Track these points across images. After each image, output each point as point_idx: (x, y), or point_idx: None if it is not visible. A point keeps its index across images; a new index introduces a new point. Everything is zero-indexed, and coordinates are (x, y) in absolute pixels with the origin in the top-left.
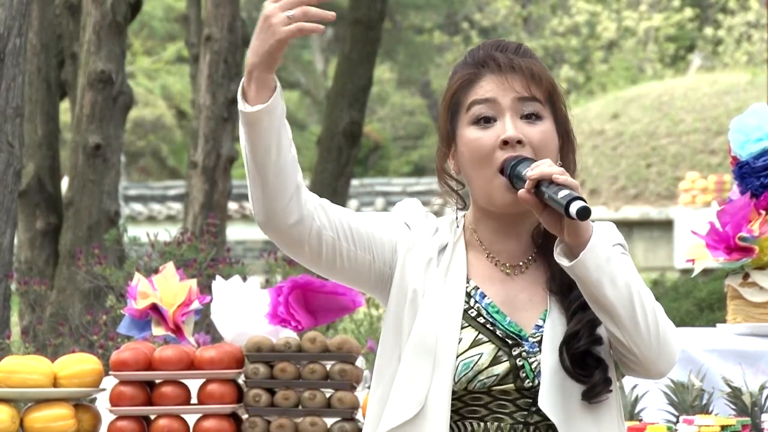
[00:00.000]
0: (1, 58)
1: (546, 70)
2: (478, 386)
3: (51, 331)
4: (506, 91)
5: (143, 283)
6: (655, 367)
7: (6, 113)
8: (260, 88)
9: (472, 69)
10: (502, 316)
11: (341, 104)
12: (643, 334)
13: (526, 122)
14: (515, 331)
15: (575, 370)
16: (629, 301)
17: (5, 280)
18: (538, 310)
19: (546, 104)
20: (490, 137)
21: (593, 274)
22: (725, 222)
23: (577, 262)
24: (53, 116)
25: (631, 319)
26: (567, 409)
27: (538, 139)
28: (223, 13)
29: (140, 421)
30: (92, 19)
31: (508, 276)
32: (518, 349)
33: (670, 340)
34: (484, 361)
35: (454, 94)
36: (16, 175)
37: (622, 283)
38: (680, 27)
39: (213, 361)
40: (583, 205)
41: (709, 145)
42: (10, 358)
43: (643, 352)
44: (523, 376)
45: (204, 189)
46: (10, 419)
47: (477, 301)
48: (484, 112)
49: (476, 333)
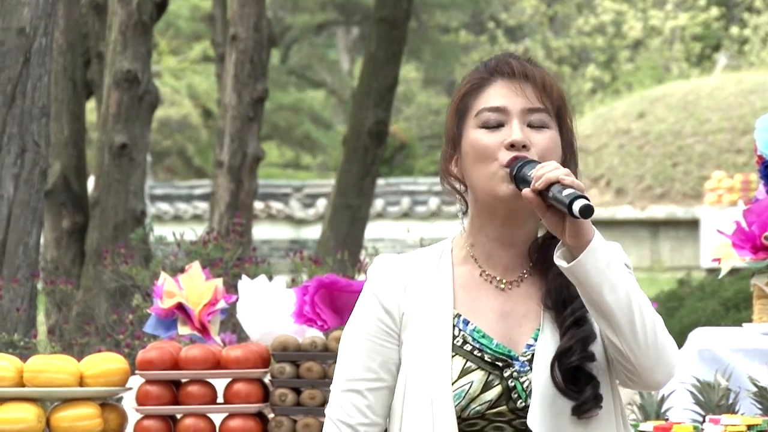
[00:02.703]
0: (27, 57)
1: (557, 83)
2: (472, 413)
3: (77, 330)
4: (516, 98)
5: (169, 283)
6: (652, 376)
7: (32, 113)
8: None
9: (483, 74)
10: (488, 339)
11: (367, 104)
12: (640, 341)
13: (532, 129)
14: (504, 353)
15: (566, 385)
16: (628, 307)
17: (31, 280)
18: (531, 327)
19: (554, 116)
20: (496, 139)
21: (593, 278)
22: (751, 221)
23: (577, 263)
24: (79, 116)
25: (629, 326)
26: (558, 426)
27: (544, 145)
28: (249, 13)
29: (166, 421)
30: (118, 19)
31: (502, 291)
32: (509, 370)
33: (669, 352)
34: (476, 389)
35: (463, 98)
36: (42, 175)
37: (622, 290)
38: (706, 26)
39: (239, 360)
40: (586, 203)
41: (735, 144)
42: (36, 357)
43: (640, 361)
44: (515, 396)
45: (230, 188)
46: (37, 418)
47: (461, 330)
48: (493, 118)
49: (464, 361)
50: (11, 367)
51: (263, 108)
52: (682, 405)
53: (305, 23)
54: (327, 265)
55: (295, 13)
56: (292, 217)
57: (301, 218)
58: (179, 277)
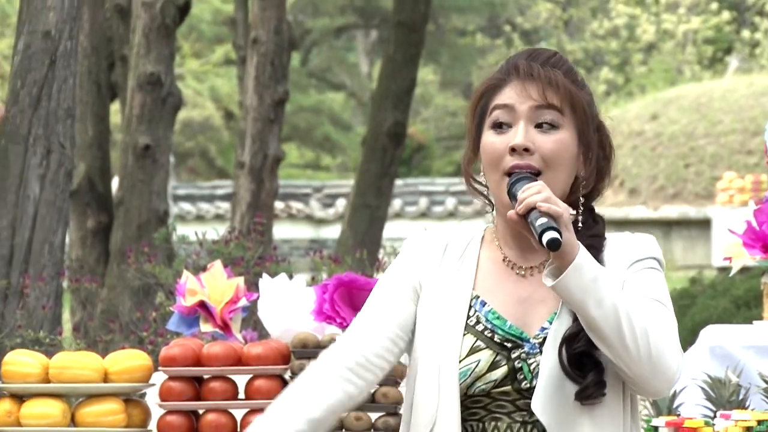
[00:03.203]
0: (52, 60)
1: (568, 79)
2: (477, 391)
3: (102, 327)
4: (524, 98)
5: (192, 281)
6: (650, 385)
7: (57, 114)
8: None
9: (500, 75)
10: (502, 321)
11: (385, 105)
12: (632, 354)
13: (539, 131)
14: (515, 334)
15: (571, 369)
16: (616, 322)
17: (57, 278)
18: (548, 312)
19: (565, 112)
20: (502, 142)
21: (576, 295)
22: (762, 221)
23: (558, 282)
24: (103, 117)
25: (618, 340)
26: (562, 410)
27: (548, 148)
28: (270, 16)
29: (189, 416)
30: (141, 22)
31: (522, 277)
32: (518, 351)
33: (667, 360)
34: (482, 368)
35: (480, 98)
36: (67, 175)
37: (609, 304)
38: (718, 30)
39: (260, 357)
40: (553, 237)
41: (746, 145)
42: (61, 354)
43: (635, 372)
44: (520, 377)
45: (251, 189)
46: (62, 414)
47: (477, 311)
48: (502, 117)
49: (474, 340)
50: (37, 363)
51: (284, 110)
52: (694, 401)
53: (325, 27)
54: (346, 263)
55: (315, 16)
56: (312, 217)
57: (321, 218)
58: (201, 276)
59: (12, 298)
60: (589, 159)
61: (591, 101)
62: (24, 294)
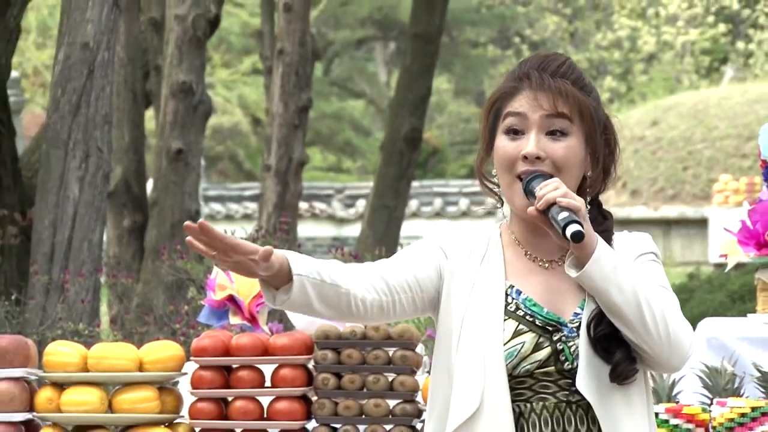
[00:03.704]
0: (90, 70)
1: (576, 88)
2: (522, 372)
3: (137, 320)
4: (535, 108)
5: (221, 277)
6: (668, 363)
7: (95, 121)
8: (278, 281)
9: (513, 83)
10: (539, 308)
11: (403, 112)
12: (653, 335)
13: (550, 138)
14: (554, 319)
15: (599, 351)
16: (636, 306)
17: (95, 274)
18: (577, 299)
19: (574, 120)
20: (514, 148)
21: (599, 284)
22: (756, 220)
23: (583, 272)
24: (139, 124)
25: (639, 323)
26: (602, 389)
27: (559, 155)
28: (295, 29)
29: (218, 403)
30: (174, 34)
31: (546, 269)
32: (558, 335)
33: (682, 339)
34: (527, 349)
35: (495, 103)
36: (104, 178)
37: (629, 291)
38: (714, 41)
39: (285, 347)
40: (576, 229)
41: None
42: (99, 345)
43: (655, 351)
44: (562, 359)
45: (277, 190)
46: (100, 401)
47: (514, 298)
48: (515, 124)
49: (517, 324)
50: (76, 354)
51: (307, 116)
52: (692, 389)
53: (346, 38)
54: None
55: (336, 29)
56: (334, 217)
57: (342, 217)
58: (230, 272)
59: (53, 292)
60: (597, 160)
61: (598, 105)
62: (64, 289)
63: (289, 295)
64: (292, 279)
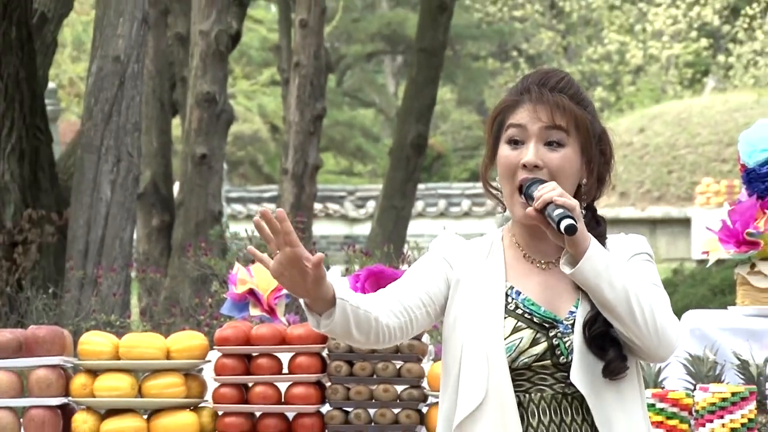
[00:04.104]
0: (121, 81)
1: (573, 102)
2: (521, 365)
3: (165, 312)
4: (535, 120)
5: (242, 272)
6: (656, 354)
7: (126, 128)
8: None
9: (515, 96)
10: (537, 306)
11: (409, 120)
12: (642, 329)
13: (548, 148)
14: (550, 317)
15: (594, 348)
16: (627, 303)
17: (126, 269)
18: (572, 298)
19: (570, 133)
20: (515, 157)
21: (591, 280)
22: (735, 220)
23: (576, 269)
24: (166, 131)
25: (629, 317)
26: (595, 383)
27: (555, 164)
28: (310, 43)
29: (240, 388)
30: (199, 49)
31: (544, 270)
32: (554, 331)
33: (669, 333)
34: (525, 344)
35: (498, 114)
36: (134, 180)
37: (620, 288)
38: (697, 54)
39: (301, 337)
40: (570, 223)
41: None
42: (130, 335)
43: (644, 343)
44: (558, 353)
45: (294, 192)
46: (130, 386)
47: (513, 298)
48: (516, 135)
49: (516, 321)
50: (108, 343)
51: (321, 124)
52: (676, 375)
53: (357, 52)
54: (375, 257)
55: (348, 43)
56: (346, 216)
57: (354, 217)
58: (251, 267)
59: (87, 286)
60: (591, 169)
61: (594, 118)
62: (98, 283)
63: (331, 319)
64: (335, 304)
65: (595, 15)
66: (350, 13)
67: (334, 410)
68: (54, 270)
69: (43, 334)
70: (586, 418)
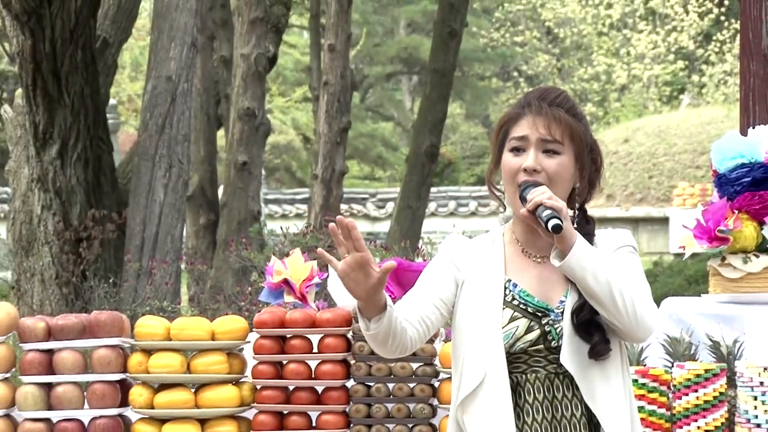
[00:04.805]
0: (173, 98)
1: (569, 115)
2: (517, 350)
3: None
4: (534, 130)
5: (278, 264)
6: (635, 336)
7: (177, 139)
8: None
9: (518, 109)
10: (531, 297)
11: (423, 132)
12: (622, 315)
13: (545, 155)
14: (543, 306)
15: (580, 333)
16: (609, 292)
17: (177, 262)
18: (563, 288)
19: (565, 142)
20: (517, 162)
21: (578, 272)
22: (708, 219)
23: (564, 263)
24: (212, 141)
25: (612, 305)
26: (581, 363)
27: (552, 170)
28: (337, 65)
29: (275, 366)
30: (240, 70)
31: (539, 264)
32: (546, 319)
33: (646, 319)
34: (520, 331)
35: (503, 126)
36: (184, 184)
37: (604, 279)
38: (674, 75)
39: (329, 321)
40: (556, 222)
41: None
42: (180, 319)
43: (625, 326)
44: (550, 338)
45: (323, 194)
46: (180, 364)
47: (511, 290)
48: (518, 144)
49: (512, 311)
50: (161, 326)
51: (347, 135)
52: (656, 354)
53: (378, 73)
54: (394, 250)
55: (370, 65)
56: (368, 216)
57: (375, 216)
58: (285, 260)
59: (143, 276)
60: (584, 175)
61: (586, 130)
62: (152, 274)
63: (380, 323)
64: (385, 310)
65: (585, 40)
66: (372, 39)
67: (357, 384)
68: (114, 262)
69: (104, 318)
70: (575, 394)
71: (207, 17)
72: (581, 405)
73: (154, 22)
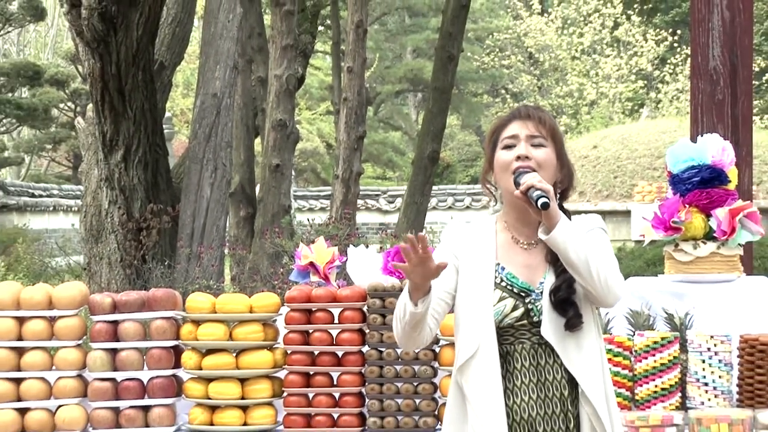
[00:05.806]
0: (218, 111)
1: (551, 120)
2: (506, 324)
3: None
4: (523, 129)
5: (305, 249)
6: (605, 300)
7: (221, 146)
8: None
9: (507, 117)
10: (516, 279)
11: (426, 139)
12: (596, 282)
13: (533, 148)
14: (526, 287)
15: (557, 309)
16: (586, 262)
17: (221, 248)
18: (542, 271)
19: (548, 139)
20: (511, 154)
21: (561, 245)
22: (663, 212)
23: (550, 236)
24: (250, 147)
25: (587, 274)
26: (559, 335)
27: (540, 158)
28: (354, 84)
29: (303, 334)
30: (274, 88)
31: (525, 250)
32: (529, 298)
33: (615, 288)
34: (507, 309)
35: (495, 131)
36: (227, 184)
37: (582, 251)
38: (635, 92)
39: (348, 296)
40: (545, 200)
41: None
42: (224, 295)
43: (597, 292)
44: (532, 315)
45: (342, 191)
46: (224, 333)
47: (500, 273)
48: (510, 141)
49: (501, 292)
50: (208, 301)
51: (363, 142)
52: (621, 325)
53: (389, 90)
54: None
55: (382, 84)
56: (380, 209)
57: (386, 210)
58: (311, 246)
59: (193, 260)
60: (563, 170)
61: (563, 138)
62: (200, 258)
63: (424, 304)
64: (429, 293)
65: (561, 63)
66: (384, 62)
67: (371, 349)
68: (169, 248)
69: (161, 294)
70: (556, 360)
71: (246, 44)
72: (561, 369)
73: (203, 48)
